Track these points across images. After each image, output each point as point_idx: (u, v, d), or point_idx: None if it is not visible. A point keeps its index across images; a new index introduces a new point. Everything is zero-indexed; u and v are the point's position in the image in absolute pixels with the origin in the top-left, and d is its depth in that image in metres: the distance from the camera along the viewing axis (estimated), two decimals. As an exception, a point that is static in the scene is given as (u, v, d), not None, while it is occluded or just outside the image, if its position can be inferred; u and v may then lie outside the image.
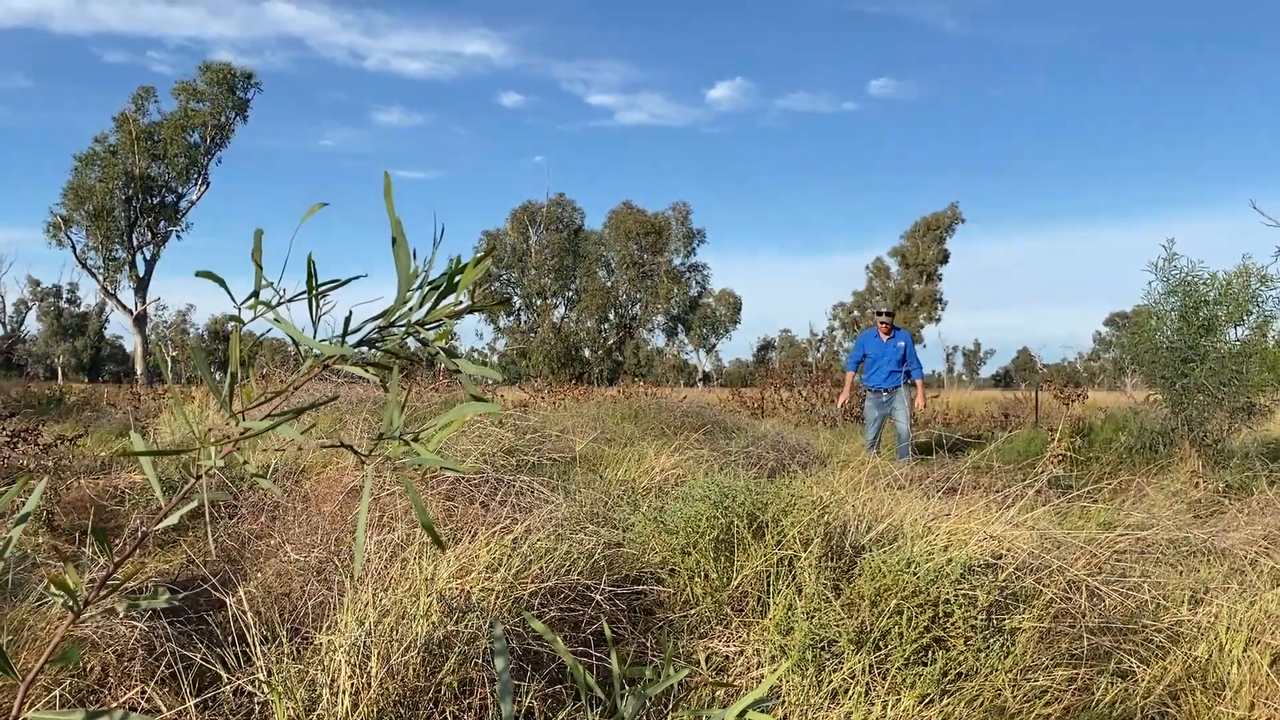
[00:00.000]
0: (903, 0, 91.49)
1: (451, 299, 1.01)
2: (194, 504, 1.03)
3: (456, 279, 0.99)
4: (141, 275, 37.73)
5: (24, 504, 1.27)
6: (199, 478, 1.00)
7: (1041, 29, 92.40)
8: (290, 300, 1.02)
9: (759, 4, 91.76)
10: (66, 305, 64.88)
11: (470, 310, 1.02)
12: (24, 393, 17.10)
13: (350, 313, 1.03)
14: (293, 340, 1.00)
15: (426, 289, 1.02)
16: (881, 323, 9.88)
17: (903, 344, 9.78)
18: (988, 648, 2.93)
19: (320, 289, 1.01)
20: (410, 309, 1.03)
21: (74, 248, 36.82)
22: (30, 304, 59.75)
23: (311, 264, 0.99)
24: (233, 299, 1.00)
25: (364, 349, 1.03)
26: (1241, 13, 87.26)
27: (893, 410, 9.66)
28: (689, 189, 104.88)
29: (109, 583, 1.18)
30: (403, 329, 1.01)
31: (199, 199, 38.53)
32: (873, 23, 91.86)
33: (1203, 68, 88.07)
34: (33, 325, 63.04)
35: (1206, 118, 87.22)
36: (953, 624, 2.99)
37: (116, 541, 4.87)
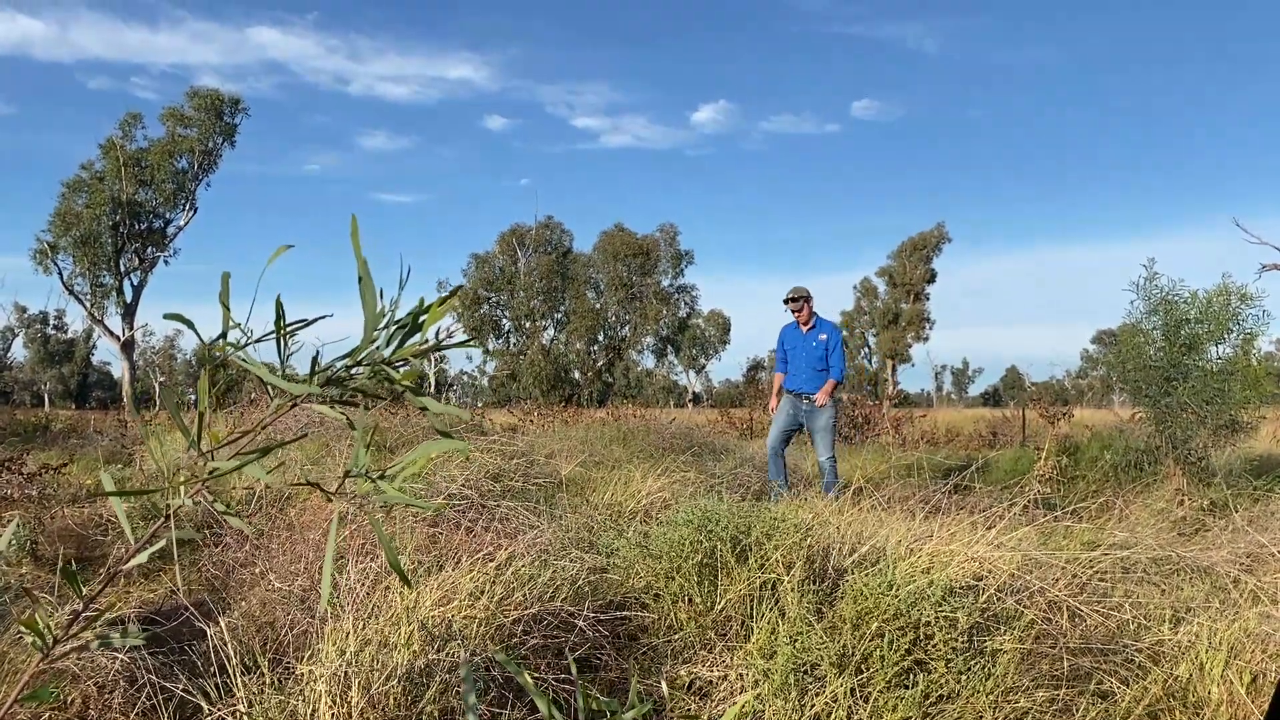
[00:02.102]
0: (884, 22, 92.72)
1: (417, 338, 1.04)
2: (161, 544, 1.05)
3: (421, 319, 1.02)
4: (129, 301, 37.61)
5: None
6: (167, 518, 1.01)
7: (1022, 50, 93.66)
8: (259, 340, 1.04)
9: (741, 27, 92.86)
10: (53, 331, 64.77)
11: (436, 349, 1.05)
12: (10, 420, 17.00)
13: (319, 352, 1.05)
14: (260, 379, 1.02)
15: (393, 328, 1.05)
16: (792, 308, 7.82)
17: (824, 336, 7.73)
18: (969, 670, 2.94)
19: (288, 329, 1.03)
20: (377, 348, 1.05)
21: (61, 274, 36.68)
22: (17, 330, 59.46)
23: (279, 306, 1.01)
24: (200, 340, 1.02)
25: (332, 388, 1.05)
26: (1221, 34, 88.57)
27: (811, 428, 7.61)
28: (675, 210, 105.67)
29: (82, 619, 1.18)
30: (369, 368, 1.03)
31: (186, 224, 38.52)
32: (854, 45, 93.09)
33: (1184, 87, 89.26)
34: (19, 352, 62.84)
35: (1188, 137, 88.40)
36: (934, 646, 3.00)
37: (99, 572, 4.85)
